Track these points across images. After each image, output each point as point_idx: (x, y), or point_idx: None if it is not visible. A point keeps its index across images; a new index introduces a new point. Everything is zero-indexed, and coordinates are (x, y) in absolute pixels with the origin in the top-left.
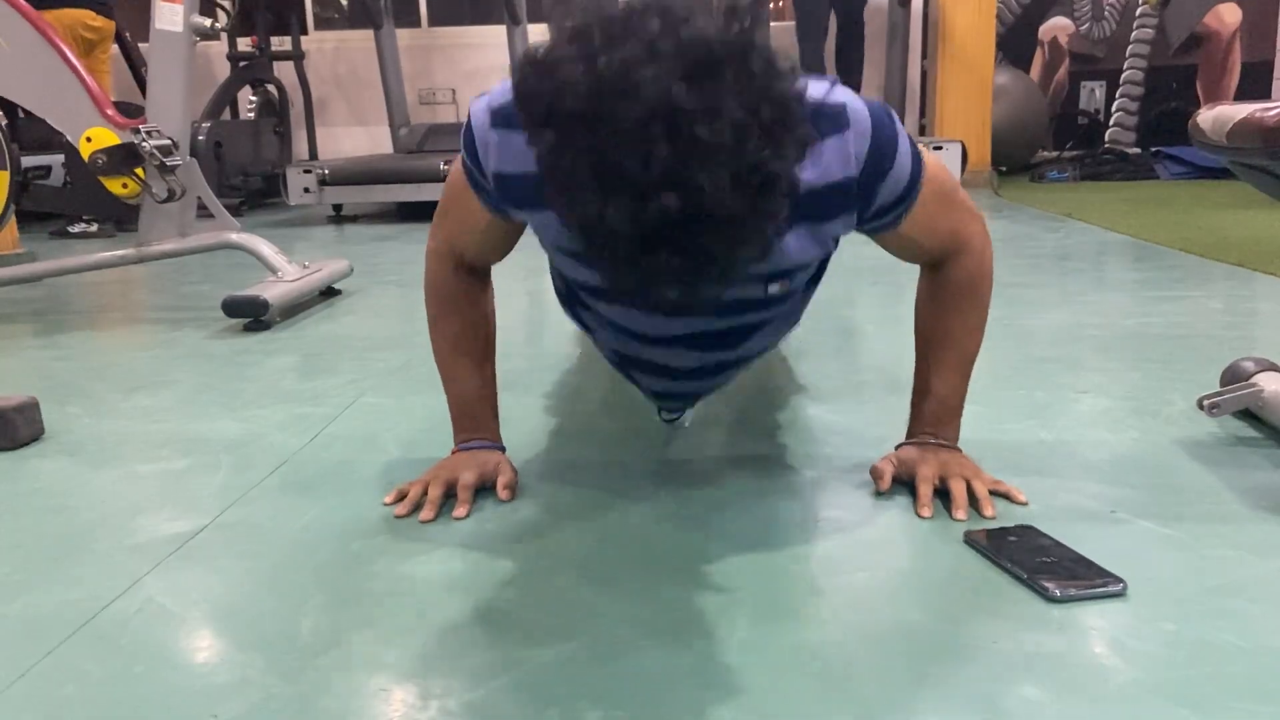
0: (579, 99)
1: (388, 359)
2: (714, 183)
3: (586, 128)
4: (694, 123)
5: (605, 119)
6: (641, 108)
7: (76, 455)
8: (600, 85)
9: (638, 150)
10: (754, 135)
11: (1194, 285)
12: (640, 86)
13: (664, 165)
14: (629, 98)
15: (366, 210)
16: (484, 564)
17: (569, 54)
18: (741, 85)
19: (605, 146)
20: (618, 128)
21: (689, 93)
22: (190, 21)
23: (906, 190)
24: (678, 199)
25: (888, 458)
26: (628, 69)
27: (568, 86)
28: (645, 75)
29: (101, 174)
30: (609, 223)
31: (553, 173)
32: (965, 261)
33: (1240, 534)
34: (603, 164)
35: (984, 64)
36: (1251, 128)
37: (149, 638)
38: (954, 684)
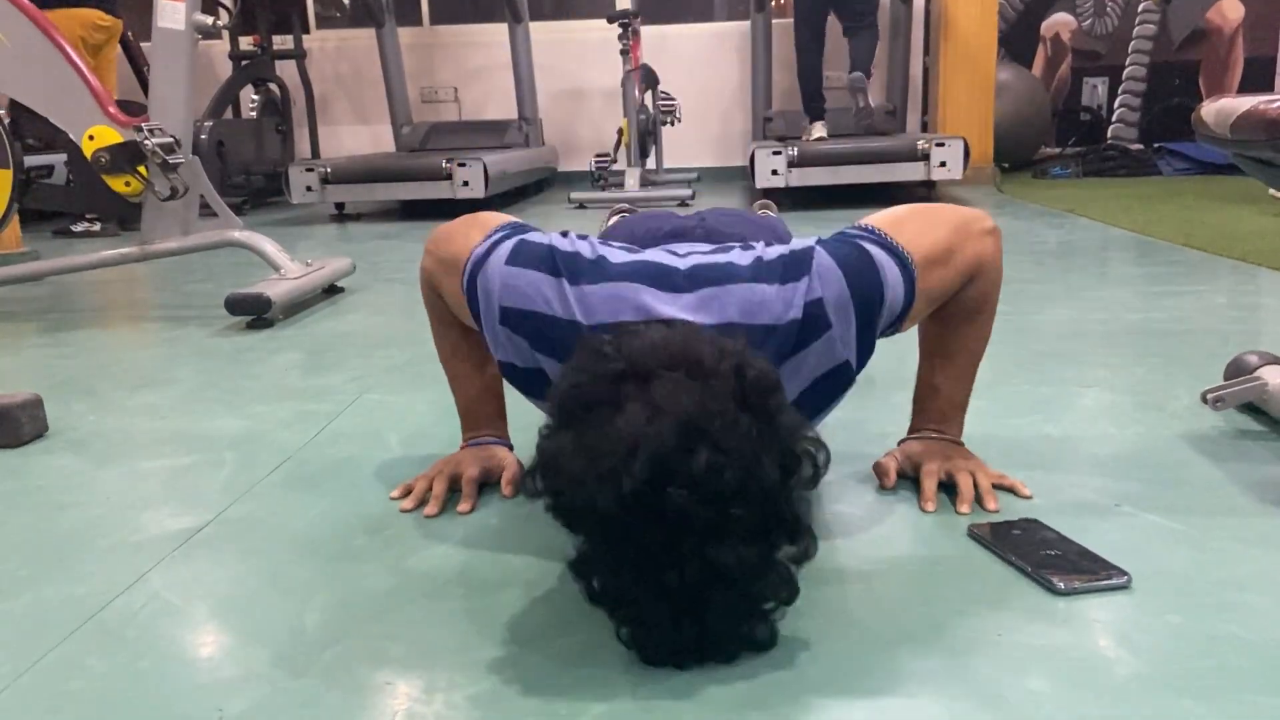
0: (610, 527)
1: (390, 356)
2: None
3: (620, 549)
4: (713, 544)
5: (635, 542)
6: (665, 528)
7: (81, 452)
8: (628, 514)
9: (667, 567)
10: (769, 542)
11: (1197, 280)
12: (664, 510)
13: (691, 580)
14: (654, 522)
15: (369, 208)
16: (488, 558)
17: (590, 474)
18: (755, 498)
19: (638, 563)
20: (647, 548)
21: (704, 511)
22: (192, 19)
23: (905, 303)
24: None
25: (891, 453)
26: (650, 491)
27: (600, 516)
28: (667, 501)
29: (104, 172)
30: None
31: (590, 570)
32: (984, 279)
33: (1244, 527)
34: (638, 575)
35: (986, 60)
36: (1255, 120)
37: (154, 633)
38: (960, 676)
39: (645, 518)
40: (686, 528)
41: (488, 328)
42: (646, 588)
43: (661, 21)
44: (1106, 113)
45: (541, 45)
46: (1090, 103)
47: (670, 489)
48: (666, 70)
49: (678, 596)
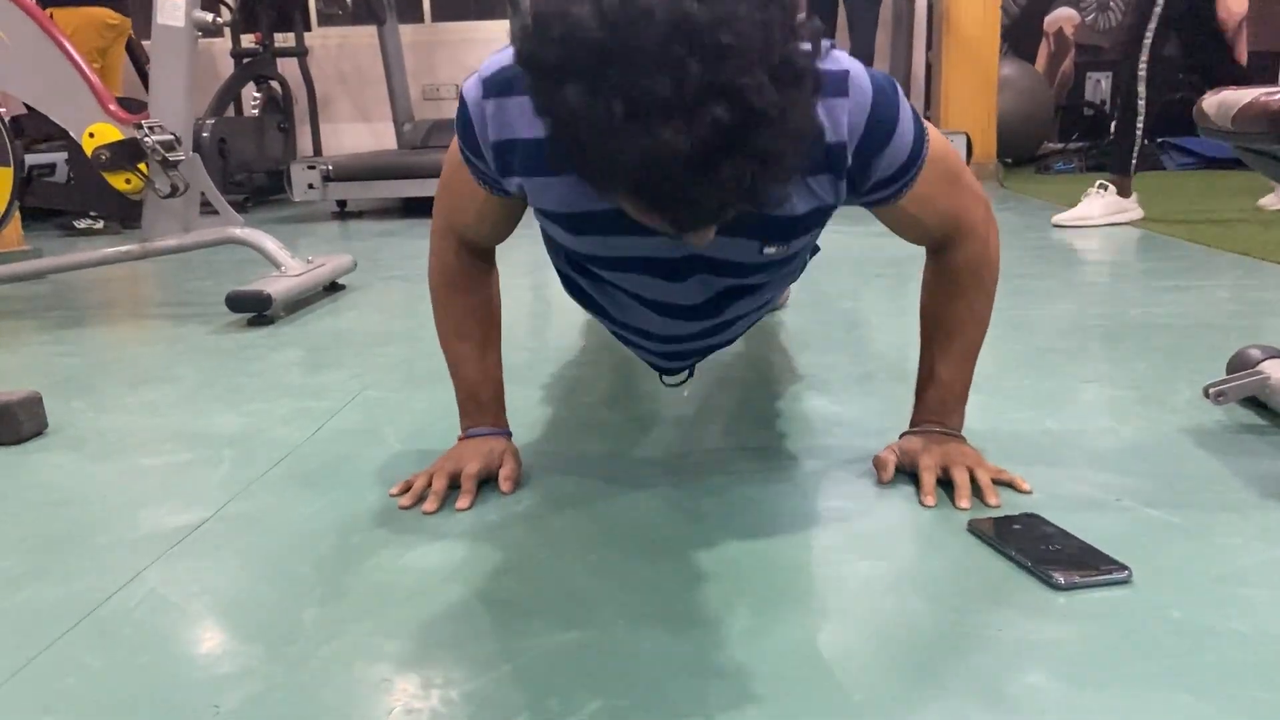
0: (594, 40)
1: (390, 353)
2: (753, 81)
3: (611, 66)
4: (715, 32)
5: (627, 51)
6: (660, 31)
7: (80, 449)
8: (612, 21)
9: (670, 73)
10: (773, 30)
11: (1200, 275)
12: (652, 12)
13: (700, 79)
14: (645, 25)
15: (370, 206)
16: (486, 554)
17: (568, 3)
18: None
19: (636, 79)
20: (643, 57)
21: (700, 7)
22: (192, 16)
23: (906, 166)
24: (725, 107)
25: (891, 447)
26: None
27: (579, 32)
28: (653, 1)
29: (105, 170)
30: (666, 148)
31: (585, 124)
32: (970, 246)
33: (1246, 521)
34: (639, 96)
35: (989, 55)
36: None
37: (151, 629)
38: (959, 672)
39: (633, 24)
40: (681, 34)
41: (481, 131)
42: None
43: None
44: (1110, 107)
45: None
46: (1093, 98)
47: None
48: None
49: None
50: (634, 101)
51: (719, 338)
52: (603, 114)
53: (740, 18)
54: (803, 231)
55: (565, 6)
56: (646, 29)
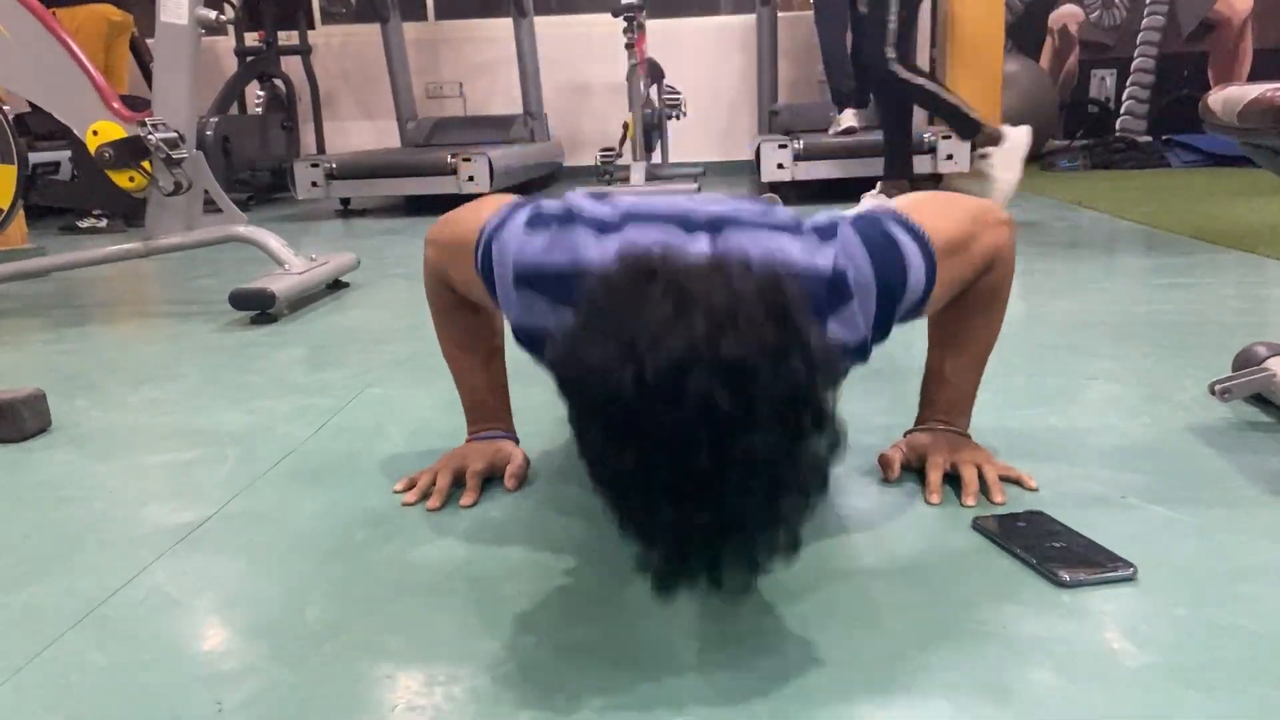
0: (628, 406)
1: (394, 351)
2: (749, 501)
3: (634, 435)
4: (736, 435)
5: (652, 429)
6: (686, 416)
7: (83, 447)
8: (647, 395)
9: (681, 463)
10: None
11: (1206, 272)
12: (684, 395)
13: (705, 476)
14: (674, 407)
15: (374, 204)
16: (489, 551)
17: (613, 350)
18: (783, 389)
19: (652, 455)
20: (663, 438)
21: (731, 401)
22: (195, 14)
23: (926, 288)
24: (713, 515)
25: (897, 445)
26: (674, 371)
27: (618, 395)
28: (689, 385)
29: (108, 168)
30: (651, 525)
31: (600, 464)
32: (994, 273)
33: (1252, 519)
34: (649, 469)
35: (993, 52)
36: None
37: (154, 626)
38: (965, 669)
39: (665, 401)
40: (707, 415)
41: (503, 295)
42: (661, 480)
43: (667, 15)
44: (1114, 105)
45: (546, 40)
46: (1098, 95)
47: (695, 371)
48: (672, 64)
49: (694, 489)
50: (645, 472)
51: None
52: (614, 468)
53: (762, 426)
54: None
55: (608, 363)
56: (675, 412)
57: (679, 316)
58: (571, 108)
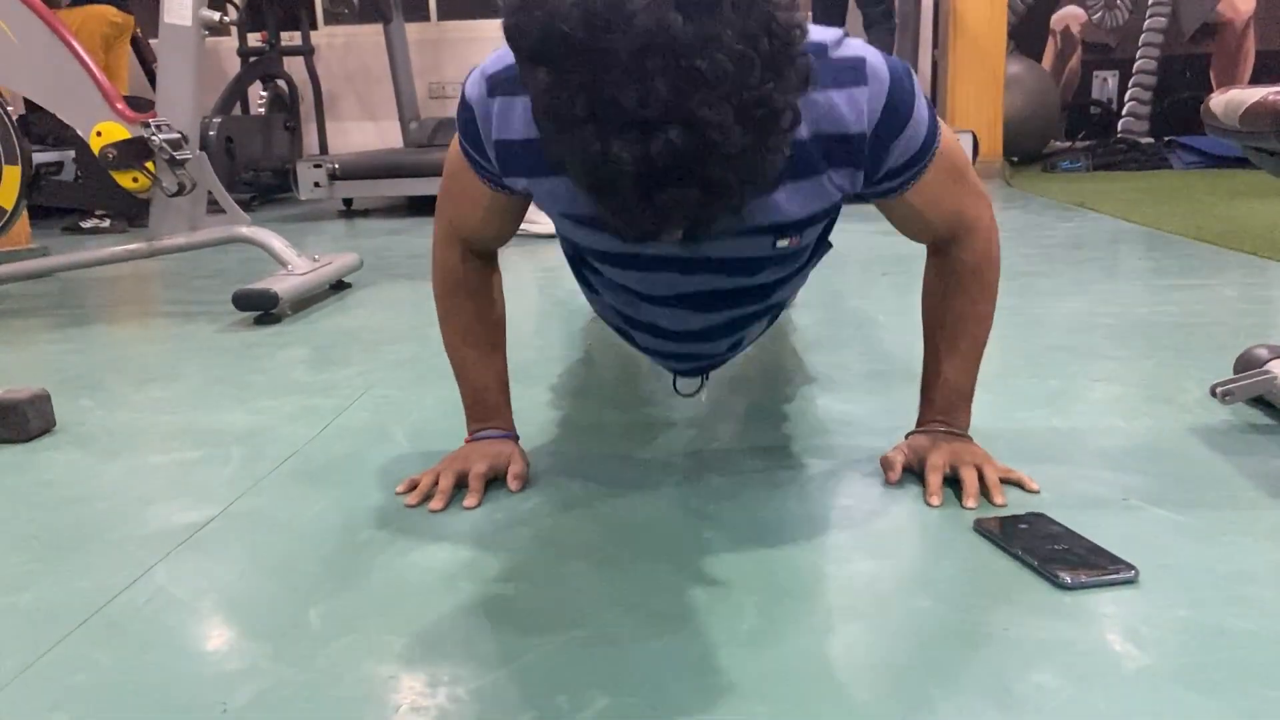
0: (571, 34)
1: (397, 351)
2: (716, 115)
3: (581, 64)
4: (692, 55)
5: (600, 54)
6: (636, 41)
7: (88, 447)
8: (593, 18)
9: (636, 85)
10: (754, 66)
11: (1208, 274)
12: (634, 18)
13: (664, 100)
14: (623, 31)
15: (377, 204)
16: (493, 553)
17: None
18: (739, 15)
19: (602, 83)
20: (613, 63)
21: (685, 24)
22: (199, 15)
23: (918, 155)
24: (681, 133)
25: (898, 447)
26: (620, 1)
27: (558, 20)
28: (638, 6)
29: (112, 168)
30: (612, 160)
31: (550, 112)
32: (971, 244)
33: (1254, 521)
34: (601, 101)
35: (996, 54)
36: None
37: (159, 627)
38: (966, 671)
39: (616, 29)
40: (662, 40)
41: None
42: (614, 106)
43: None
44: (1117, 106)
45: None
46: (1100, 96)
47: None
48: None
49: (651, 113)
50: (594, 105)
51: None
52: (565, 108)
53: (722, 45)
54: (817, 222)
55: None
56: (624, 35)
57: None
58: None
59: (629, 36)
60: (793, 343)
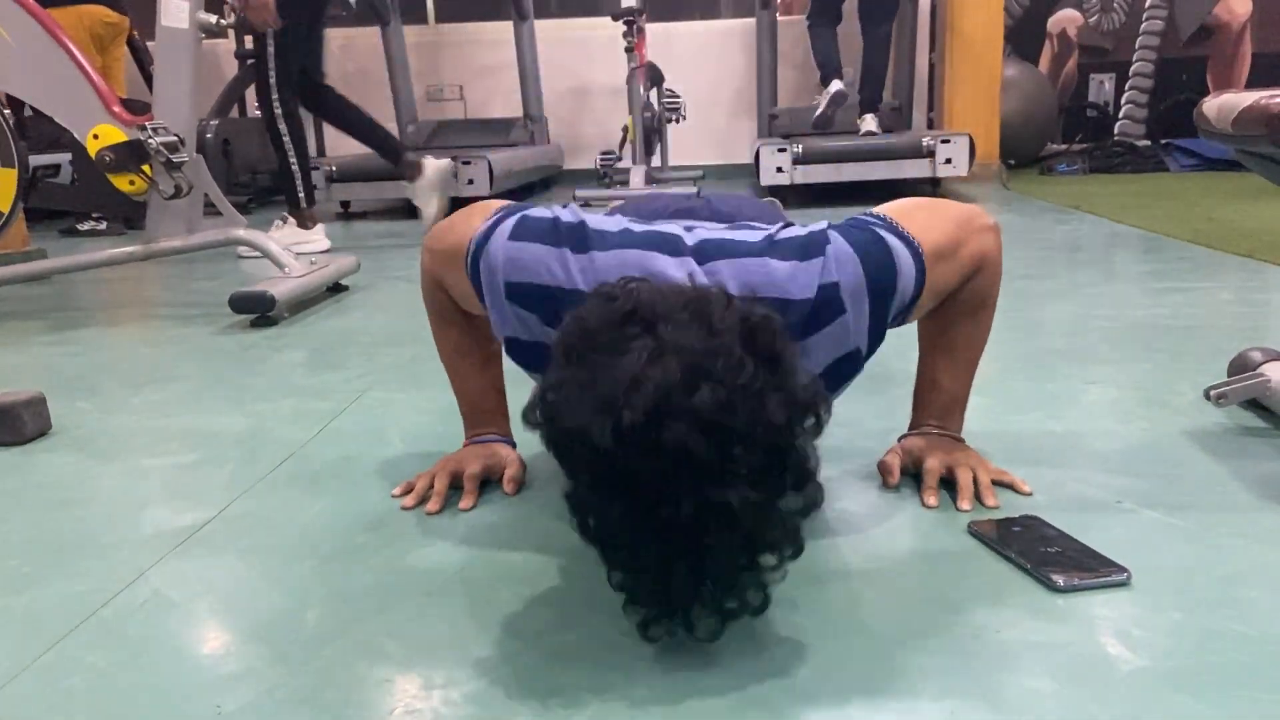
0: (609, 458)
1: (394, 354)
2: (725, 551)
3: (617, 483)
4: (712, 484)
5: (632, 481)
6: (663, 465)
7: (84, 450)
8: (624, 448)
9: (664, 507)
10: (775, 485)
11: (1203, 276)
12: (661, 446)
13: (688, 527)
14: (652, 457)
15: (374, 207)
16: (488, 556)
17: (591, 404)
18: (760, 435)
19: (632, 505)
20: (643, 488)
21: (706, 443)
22: (196, 18)
23: (915, 292)
24: (695, 561)
25: (893, 450)
26: (649, 427)
27: (597, 451)
28: (666, 435)
29: (108, 171)
30: (640, 560)
31: (585, 510)
32: (981, 277)
33: (1247, 523)
34: (630, 520)
35: (992, 57)
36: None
37: (154, 629)
38: (958, 673)
39: (643, 453)
40: (685, 465)
41: (494, 307)
42: (641, 526)
43: (666, 19)
44: (1113, 109)
45: (547, 43)
46: (1097, 99)
47: (670, 422)
48: (671, 68)
49: (672, 537)
50: (629, 519)
51: None
52: (599, 519)
53: (741, 473)
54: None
55: (586, 419)
56: (653, 462)
57: (653, 364)
58: (571, 111)
59: (658, 462)
60: None
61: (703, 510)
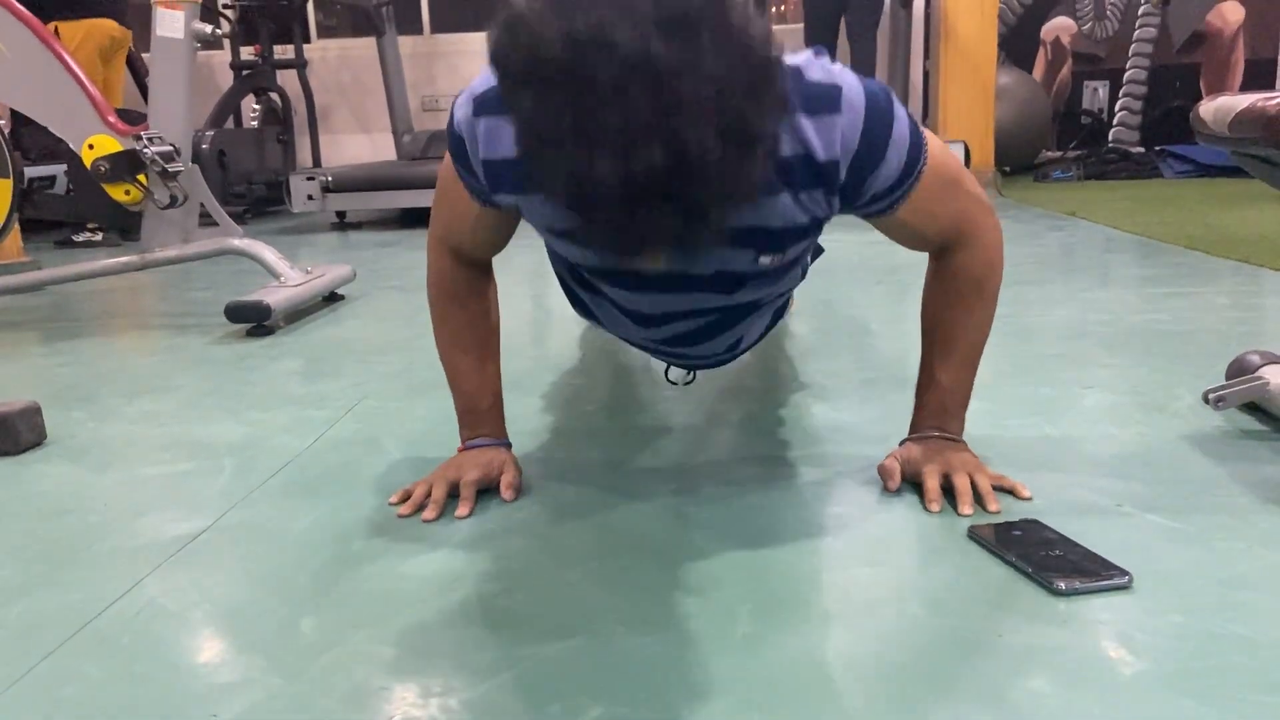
0: (555, 56)
1: (390, 362)
2: (697, 137)
3: (564, 85)
4: (673, 78)
5: (583, 76)
6: (619, 64)
7: (79, 459)
8: (576, 42)
9: (618, 107)
10: (734, 91)
11: (1199, 281)
12: (617, 43)
13: (646, 121)
14: (606, 54)
15: (369, 217)
16: (485, 563)
17: (544, 11)
18: (719, 42)
19: (585, 104)
20: (596, 85)
21: (666, 48)
22: (191, 28)
23: (901, 178)
24: (662, 153)
25: (893, 454)
26: (604, 26)
27: (543, 44)
28: (622, 31)
29: (104, 181)
30: (594, 181)
31: (533, 133)
32: (973, 253)
33: (1247, 526)
34: (583, 121)
35: (986, 64)
36: (1253, 117)
37: (150, 639)
38: (961, 678)
39: (599, 51)
40: (644, 62)
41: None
42: (598, 129)
43: None
44: (1107, 116)
45: None
46: (1091, 106)
47: (627, 24)
48: None
49: (633, 135)
50: (579, 125)
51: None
52: (548, 130)
53: (703, 69)
54: (796, 240)
55: (538, 19)
56: (607, 59)
57: None
58: None
59: (612, 60)
60: (787, 351)
61: (659, 102)
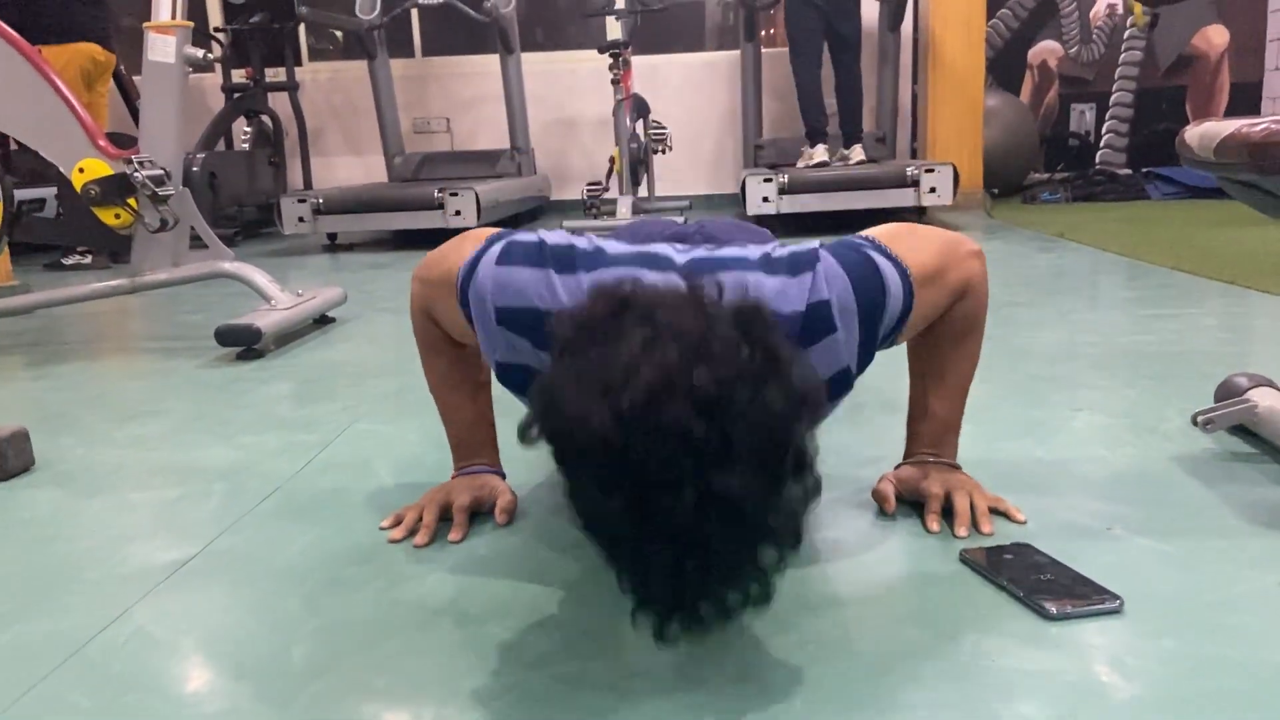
0: (610, 446)
1: (381, 385)
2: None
3: (619, 473)
4: (714, 469)
5: (635, 466)
6: (664, 449)
7: (68, 485)
8: (624, 433)
9: (670, 491)
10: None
11: (1187, 303)
12: (660, 429)
13: (690, 515)
14: (652, 441)
15: (361, 239)
16: (477, 588)
17: (589, 392)
18: (759, 416)
19: (639, 490)
20: (648, 473)
21: (707, 426)
22: (183, 53)
23: (903, 312)
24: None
25: (887, 478)
26: (648, 410)
27: (597, 441)
28: (666, 416)
29: (94, 204)
30: (645, 554)
31: (587, 505)
32: (968, 301)
33: (1237, 549)
34: (635, 507)
35: (974, 87)
36: (1238, 143)
37: (138, 667)
38: (952, 702)
39: (643, 436)
40: (686, 447)
41: (485, 333)
42: (643, 517)
43: (652, 52)
44: (1094, 138)
45: (533, 76)
46: (1078, 128)
47: (670, 404)
48: (657, 99)
49: (675, 527)
50: (631, 508)
51: None
52: (602, 513)
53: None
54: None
55: (584, 408)
56: (654, 444)
57: (650, 347)
58: (558, 142)
59: (659, 446)
60: None
61: (704, 497)
